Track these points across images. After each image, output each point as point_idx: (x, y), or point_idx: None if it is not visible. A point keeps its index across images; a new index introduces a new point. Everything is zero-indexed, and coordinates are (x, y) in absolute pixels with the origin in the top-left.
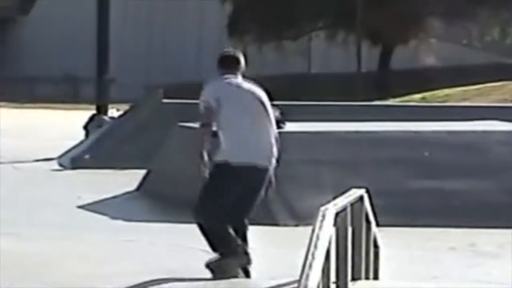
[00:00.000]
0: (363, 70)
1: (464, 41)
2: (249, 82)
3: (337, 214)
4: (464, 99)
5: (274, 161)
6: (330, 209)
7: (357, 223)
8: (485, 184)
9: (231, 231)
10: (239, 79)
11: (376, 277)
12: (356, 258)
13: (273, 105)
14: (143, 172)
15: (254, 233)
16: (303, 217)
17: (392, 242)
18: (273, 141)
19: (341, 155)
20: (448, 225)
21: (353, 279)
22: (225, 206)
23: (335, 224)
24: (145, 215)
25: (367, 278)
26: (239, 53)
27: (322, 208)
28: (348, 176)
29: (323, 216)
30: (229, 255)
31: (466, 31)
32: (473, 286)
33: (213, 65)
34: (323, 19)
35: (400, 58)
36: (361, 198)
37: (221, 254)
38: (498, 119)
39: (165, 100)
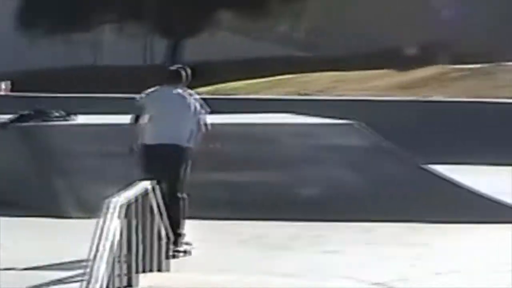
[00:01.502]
0: (151, 62)
1: (254, 34)
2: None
3: (122, 206)
4: (254, 92)
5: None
6: (116, 201)
7: (142, 215)
8: (276, 177)
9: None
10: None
11: (161, 270)
12: (142, 250)
13: None
14: None
15: (38, 224)
16: (90, 209)
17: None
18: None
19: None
20: (237, 217)
21: (144, 271)
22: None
23: (120, 216)
24: None
25: (158, 270)
26: (183, 68)
27: (107, 200)
28: (135, 169)
29: (108, 209)
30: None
31: (256, 24)
32: (264, 277)
33: (4, 57)
34: (112, 12)
35: (189, 51)
36: (146, 190)
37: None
38: (288, 111)
39: None
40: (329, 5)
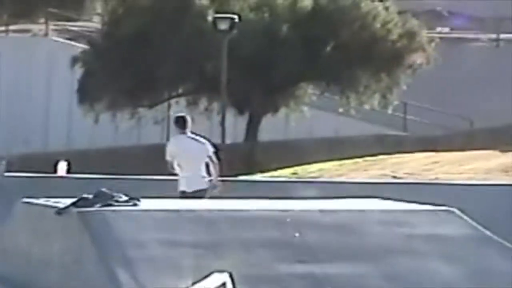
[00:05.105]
0: (228, 141)
1: (341, 110)
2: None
3: None
4: (340, 175)
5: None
6: None
7: None
8: (361, 268)
9: None
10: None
11: None
12: None
13: None
14: None
15: None
16: None
17: None
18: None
19: (202, 235)
20: None
21: None
22: None
23: None
24: None
25: None
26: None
27: None
28: (209, 259)
29: None
30: None
31: (343, 99)
32: None
33: (62, 135)
34: (184, 85)
35: (269, 128)
36: (223, 284)
37: None
38: (376, 196)
39: (7, 174)
40: (424, 79)
